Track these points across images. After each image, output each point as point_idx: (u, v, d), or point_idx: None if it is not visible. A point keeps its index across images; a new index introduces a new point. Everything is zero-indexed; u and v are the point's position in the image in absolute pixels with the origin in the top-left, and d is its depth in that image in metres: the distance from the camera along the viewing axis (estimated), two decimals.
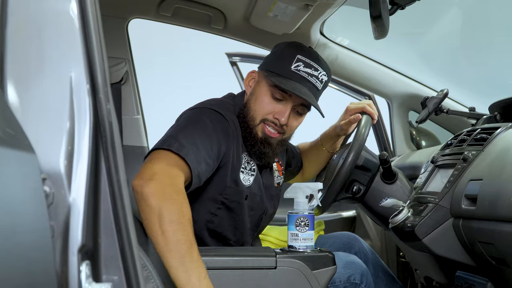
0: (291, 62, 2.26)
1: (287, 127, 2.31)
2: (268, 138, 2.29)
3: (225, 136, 2.18)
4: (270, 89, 2.28)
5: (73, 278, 0.91)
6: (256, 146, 2.29)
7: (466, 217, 1.98)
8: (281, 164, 2.57)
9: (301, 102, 2.29)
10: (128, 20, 3.35)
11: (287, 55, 2.29)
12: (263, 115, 2.28)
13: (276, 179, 2.51)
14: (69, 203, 0.92)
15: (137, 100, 3.46)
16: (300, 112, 2.33)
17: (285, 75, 2.26)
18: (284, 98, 2.27)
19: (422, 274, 2.68)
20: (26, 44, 0.99)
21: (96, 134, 0.97)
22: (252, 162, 2.32)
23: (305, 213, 2.06)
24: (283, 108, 2.28)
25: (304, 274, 1.99)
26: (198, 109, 2.24)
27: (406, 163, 3.04)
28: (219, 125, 2.18)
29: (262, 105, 2.29)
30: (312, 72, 2.27)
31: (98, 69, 0.99)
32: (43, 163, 0.93)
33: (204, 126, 2.14)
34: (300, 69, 2.26)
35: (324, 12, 2.88)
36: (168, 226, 1.77)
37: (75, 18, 0.99)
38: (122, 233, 0.97)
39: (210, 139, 2.11)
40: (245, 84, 2.42)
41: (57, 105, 0.97)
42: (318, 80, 2.29)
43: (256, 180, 2.33)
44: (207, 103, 2.28)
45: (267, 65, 2.35)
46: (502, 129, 2.16)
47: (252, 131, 2.28)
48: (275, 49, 2.38)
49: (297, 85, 2.24)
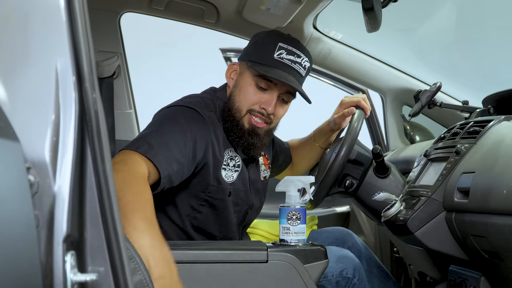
0: (273, 50, 2.26)
1: (274, 116, 2.31)
2: (255, 129, 2.28)
3: (201, 134, 2.16)
4: (254, 79, 2.27)
5: (58, 268, 0.90)
6: (244, 137, 2.28)
7: (459, 210, 1.98)
8: (267, 158, 2.57)
9: (287, 90, 2.29)
10: (121, 14, 3.34)
11: (268, 44, 2.28)
12: (249, 106, 2.27)
13: (263, 173, 2.51)
14: (54, 193, 0.92)
15: (129, 94, 3.45)
16: (285, 100, 2.32)
17: (268, 63, 2.25)
18: (269, 87, 2.27)
19: (415, 269, 2.68)
20: (12, 34, 0.99)
21: (82, 123, 0.96)
22: (237, 158, 2.31)
23: (297, 207, 2.05)
24: (269, 97, 2.27)
25: (295, 268, 1.99)
26: (173, 108, 2.22)
27: (400, 157, 3.04)
28: (194, 123, 2.16)
29: (247, 96, 2.28)
30: (295, 59, 2.26)
31: (84, 58, 0.98)
32: (27, 152, 0.92)
33: (178, 124, 2.11)
34: (283, 56, 2.25)
35: (317, 5, 2.88)
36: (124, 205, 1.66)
37: (62, 8, 0.99)
38: (108, 223, 0.96)
39: (184, 138, 2.09)
40: (227, 76, 2.39)
41: (42, 94, 0.96)
42: (302, 67, 2.29)
43: (240, 175, 2.32)
44: (184, 101, 2.26)
45: (248, 55, 2.33)
46: (495, 122, 2.16)
47: (239, 123, 2.27)
48: (255, 39, 2.37)
49: (282, 73, 2.24)
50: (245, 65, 2.32)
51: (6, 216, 0.85)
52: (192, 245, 2.03)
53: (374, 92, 3.62)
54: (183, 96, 2.35)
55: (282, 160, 2.79)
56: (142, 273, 1.26)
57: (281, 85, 2.26)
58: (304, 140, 2.80)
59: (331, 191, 2.46)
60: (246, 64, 2.31)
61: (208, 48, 4.02)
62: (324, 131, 2.68)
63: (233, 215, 2.33)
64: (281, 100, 2.31)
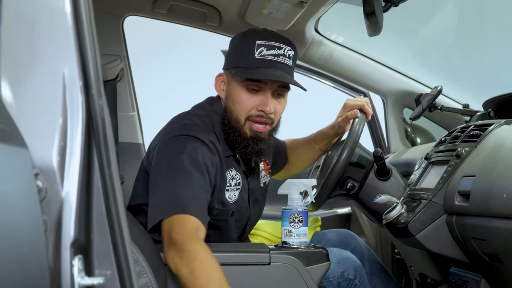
0: (253, 51, 2.21)
1: (274, 114, 2.27)
2: (258, 134, 2.25)
3: (211, 163, 2.14)
4: (243, 85, 2.23)
5: (65, 272, 0.91)
6: (249, 146, 2.25)
7: (459, 213, 1.99)
8: (268, 163, 2.55)
9: (279, 85, 2.25)
10: (124, 17, 3.34)
11: (246, 46, 2.24)
12: (246, 113, 2.24)
13: (263, 178, 2.49)
14: (62, 198, 0.93)
15: (132, 97, 3.45)
16: (280, 93, 2.28)
17: (252, 65, 2.21)
18: (260, 87, 2.23)
19: (416, 271, 2.69)
20: (19, 41, 1.00)
21: (88, 130, 0.98)
22: (237, 176, 2.29)
23: (299, 209, 2.06)
24: (263, 97, 2.23)
25: (297, 270, 2.00)
26: (178, 142, 2.15)
27: (401, 160, 3.04)
28: (204, 154, 2.13)
29: (241, 103, 2.24)
30: (277, 52, 2.22)
31: (91, 65, 0.99)
32: (36, 158, 0.93)
33: (192, 163, 2.09)
34: (264, 54, 2.21)
35: (319, 9, 2.89)
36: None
37: (68, 14, 1.00)
38: (115, 228, 0.97)
39: (203, 176, 2.09)
40: (217, 89, 2.35)
41: (50, 100, 0.97)
42: (286, 57, 2.24)
43: (241, 192, 2.31)
44: (185, 128, 2.20)
45: (230, 63, 2.29)
46: (495, 126, 2.17)
47: (241, 133, 2.24)
48: (233, 44, 2.33)
49: (268, 70, 2.20)
50: (230, 74, 2.28)
51: (15, 221, 0.86)
52: None
53: (375, 94, 3.63)
54: (180, 116, 2.31)
55: (280, 160, 2.78)
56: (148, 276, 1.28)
57: (272, 83, 2.23)
58: (303, 141, 2.78)
59: (332, 193, 2.46)
60: (230, 73, 2.27)
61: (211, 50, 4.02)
62: (327, 134, 2.66)
63: (234, 232, 2.33)
64: (277, 96, 2.27)
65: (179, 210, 1.97)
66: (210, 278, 1.78)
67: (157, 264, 1.77)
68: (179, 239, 1.89)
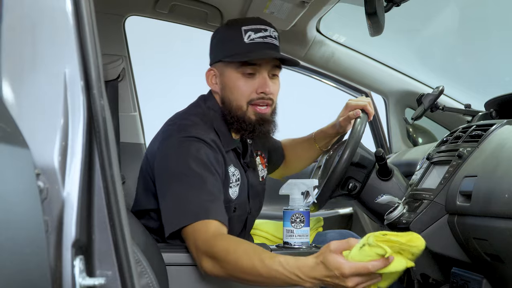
0: (242, 37, 2.23)
1: (273, 94, 2.28)
2: (263, 116, 2.26)
3: (217, 162, 2.15)
4: (239, 71, 2.24)
5: (66, 272, 0.91)
6: (256, 129, 2.26)
7: (461, 213, 1.98)
8: (264, 157, 2.55)
9: (272, 65, 2.27)
10: (125, 17, 3.35)
11: (233, 34, 2.26)
12: (247, 98, 2.25)
13: (260, 172, 2.50)
14: (63, 198, 0.93)
15: (134, 97, 3.46)
16: (275, 74, 2.30)
17: (245, 50, 2.22)
18: (256, 70, 2.24)
19: (418, 271, 2.68)
20: (20, 41, 1.00)
21: (90, 130, 0.98)
22: (236, 171, 2.29)
23: (301, 210, 2.06)
24: (261, 79, 2.25)
25: None
26: (181, 145, 2.15)
27: (402, 160, 3.04)
28: (209, 155, 2.13)
29: (240, 90, 2.25)
30: (265, 34, 2.24)
31: (92, 65, 0.99)
32: (37, 159, 0.93)
33: (201, 166, 2.09)
34: (253, 37, 2.23)
35: (320, 9, 2.89)
36: (242, 274, 1.82)
37: (69, 14, 1.00)
38: (116, 228, 0.97)
39: (214, 176, 2.10)
40: (209, 84, 2.35)
41: (51, 101, 0.97)
42: (273, 38, 2.27)
43: (241, 187, 2.31)
44: (187, 130, 2.18)
45: (221, 54, 2.29)
46: (497, 126, 2.17)
47: (245, 119, 2.25)
48: (217, 37, 2.34)
49: (260, 51, 2.23)
50: (221, 64, 2.29)
51: (16, 222, 0.86)
52: None
53: (377, 94, 3.63)
54: (177, 117, 2.31)
55: (276, 158, 2.77)
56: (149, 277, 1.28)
57: (266, 63, 2.25)
58: (303, 140, 2.77)
59: (334, 193, 2.46)
60: (223, 63, 2.28)
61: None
62: (328, 134, 2.65)
63: (236, 227, 2.33)
64: (272, 76, 2.28)
65: (201, 216, 1.98)
66: (251, 263, 1.78)
67: (159, 265, 1.77)
68: (207, 246, 1.91)
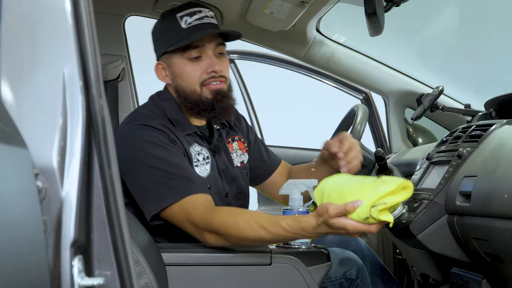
0: (179, 24, 2.23)
1: (223, 71, 2.27)
2: (218, 91, 2.25)
3: (169, 141, 2.16)
4: (184, 57, 2.24)
5: (65, 272, 0.91)
6: (215, 106, 2.25)
7: (461, 213, 1.99)
8: (243, 142, 2.50)
9: (216, 43, 2.26)
10: (125, 17, 3.35)
11: (169, 24, 2.26)
12: (199, 80, 2.24)
13: (239, 158, 2.44)
14: (62, 198, 0.93)
15: (134, 97, 3.46)
16: (220, 52, 2.28)
17: (184, 35, 2.22)
18: (201, 52, 2.23)
19: (418, 271, 2.69)
20: (20, 41, 1.00)
21: (88, 130, 0.98)
22: (203, 150, 2.28)
23: (300, 210, 2.06)
24: (208, 59, 2.24)
25: (298, 270, 2.00)
26: (138, 132, 2.17)
27: (402, 160, 3.04)
28: (158, 136, 2.15)
29: (190, 74, 2.24)
30: (200, 15, 2.24)
31: (91, 65, 0.99)
32: (35, 159, 0.93)
33: (160, 149, 2.13)
34: (189, 21, 2.22)
35: (320, 9, 2.89)
36: (244, 237, 1.94)
37: (68, 14, 1.00)
38: (115, 228, 0.97)
39: (177, 154, 2.14)
40: (160, 78, 2.35)
41: (50, 101, 0.97)
42: (210, 17, 2.27)
43: (212, 165, 2.30)
44: (133, 119, 2.24)
45: (163, 47, 2.29)
46: (497, 126, 2.17)
47: (202, 100, 2.24)
48: (156, 31, 2.35)
49: (200, 32, 2.22)
50: (167, 56, 2.28)
51: (14, 222, 0.86)
52: (196, 248, 2.04)
53: (377, 94, 3.63)
54: (129, 115, 2.33)
55: (263, 167, 2.60)
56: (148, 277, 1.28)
57: (209, 43, 2.24)
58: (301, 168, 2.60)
59: None
60: (167, 54, 2.28)
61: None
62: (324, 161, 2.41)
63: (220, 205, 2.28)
64: (218, 55, 2.27)
65: (182, 193, 2.05)
66: (255, 232, 1.90)
67: (158, 265, 1.77)
68: (204, 223, 1.99)
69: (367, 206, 1.70)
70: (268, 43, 3.46)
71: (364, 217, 1.71)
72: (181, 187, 2.05)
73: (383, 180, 1.75)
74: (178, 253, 2.02)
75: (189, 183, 2.07)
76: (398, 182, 1.72)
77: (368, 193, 1.72)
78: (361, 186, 1.77)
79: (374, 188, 1.73)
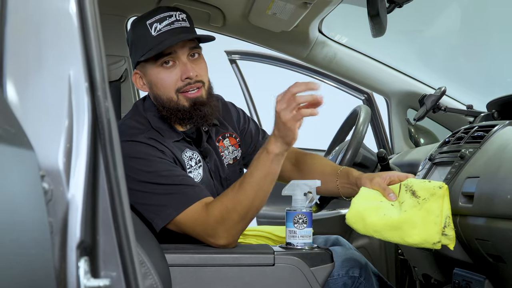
0: (149, 31, 2.19)
1: (200, 76, 2.23)
2: (195, 100, 2.22)
3: (162, 154, 2.15)
4: (157, 65, 2.21)
5: (71, 274, 0.92)
6: (194, 115, 2.22)
7: (463, 214, 1.99)
8: (235, 137, 2.46)
9: (189, 48, 2.22)
10: (127, 18, 3.35)
11: (140, 33, 2.23)
12: (174, 88, 2.21)
13: (231, 154, 2.43)
14: (68, 200, 0.93)
15: (136, 97, 3.47)
16: (195, 54, 2.24)
17: (155, 43, 2.19)
18: (174, 58, 2.20)
19: (420, 271, 2.69)
20: (25, 43, 1.00)
21: (94, 131, 0.98)
22: (194, 154, 2.27)
23: (303, 210, 2.06)
24: (181, 65, 2.20)
25: (302, 271, 2.00)
26: (127, 149, 2.11)
27: (404, 161, 3.05)
28: (149, 151, 2.14)
29: (164, 82, 2.21)
30: (170, 21, 2.20)
31: (97, 67, 1.00)
32: (41, 160, 0.93)
33: (161, 165, 2.12)
34: (160, 28, 2.18)
35: (322, 10, 2.90)
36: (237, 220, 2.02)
37: (74, 16, 1.00)
38: (120, 229, 0.98)
39: (172, 166, 2.14)
40: (139, 87, 2.33)
41: (55, 102, 0.98)
42: (181, 21, 2.22)
43: (204, 168, 2.29)
44: (121, 134, 2.15)
45: (137, 55, 2.26)
46: (499, 127, 2.17)
47: (179, 108, 2.21)
48: (129, 40, 2.31)
49: (171, 38, 2.17)
50: (142, 65, 2.26)
51: (21, 223, 0.86)
52: (200, 249, 2.04)
53: (379, 95, 3.63)
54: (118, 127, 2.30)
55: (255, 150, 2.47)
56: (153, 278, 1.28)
57: (181, 48, 2.20)
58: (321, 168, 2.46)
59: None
60: (142, 63, 2.25)
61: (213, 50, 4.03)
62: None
63: None
64: (193, 58, 2.23)
65: (186, 203, 2.06)
66: (246, 199, 2.01)
67: (163, 266, 1.77)
68: (207, 228, 2.04)
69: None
70: (270, 44, 3.46)
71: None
72: (182, 196, 2.06)
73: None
74: (181, 254, 2.02)
75: (189, 190, 2.08)
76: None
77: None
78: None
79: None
